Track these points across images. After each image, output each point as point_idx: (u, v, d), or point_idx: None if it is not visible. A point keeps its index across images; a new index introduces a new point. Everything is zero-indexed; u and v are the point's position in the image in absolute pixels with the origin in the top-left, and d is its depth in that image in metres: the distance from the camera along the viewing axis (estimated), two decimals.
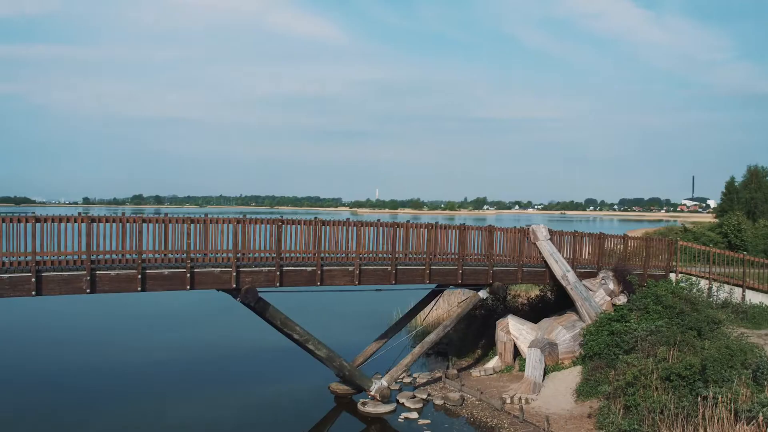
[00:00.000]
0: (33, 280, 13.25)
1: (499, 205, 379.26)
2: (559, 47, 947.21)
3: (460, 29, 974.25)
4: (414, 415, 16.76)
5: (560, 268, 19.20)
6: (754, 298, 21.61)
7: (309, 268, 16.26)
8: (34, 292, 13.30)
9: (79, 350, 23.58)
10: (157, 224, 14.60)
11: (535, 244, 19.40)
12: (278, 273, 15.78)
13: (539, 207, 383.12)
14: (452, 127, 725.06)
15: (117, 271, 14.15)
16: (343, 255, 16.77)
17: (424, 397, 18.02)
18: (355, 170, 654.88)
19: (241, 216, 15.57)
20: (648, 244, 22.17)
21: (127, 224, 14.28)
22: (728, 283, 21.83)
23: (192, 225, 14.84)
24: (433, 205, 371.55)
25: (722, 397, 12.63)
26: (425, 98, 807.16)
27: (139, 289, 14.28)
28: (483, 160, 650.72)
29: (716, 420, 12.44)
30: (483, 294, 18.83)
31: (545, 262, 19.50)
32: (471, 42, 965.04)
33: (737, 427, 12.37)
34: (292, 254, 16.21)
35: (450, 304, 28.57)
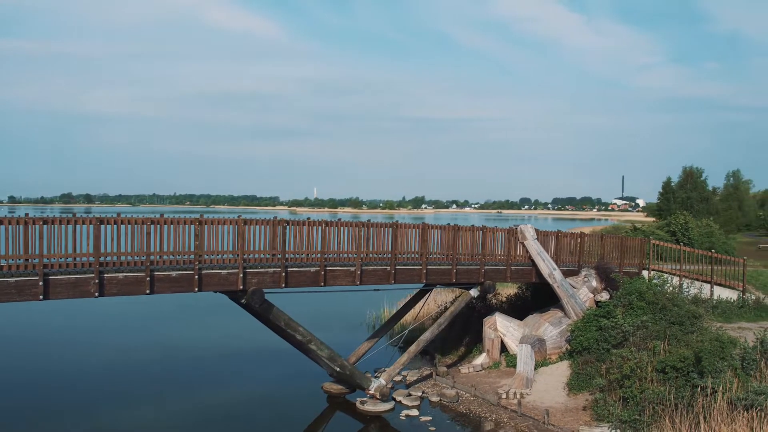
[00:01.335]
0: (40, 284, 12.83)
1: (437, 204, 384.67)
2: (493, 49, 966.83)
3: (397, 28, 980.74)
4: (414, 412, 17.05)
5: (547, 266, 19.88)
6: (721, 293, 22.94)
7: (313, 269, 16.32)
8: (41, 296, 12.87)
9: (75, 350, 23.40)
10: (165, 225, 14.35)
11: (522, 243, 20.01)
12: (283, 274, 15.77)
13: (476, 206, 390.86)
14: (389, 126, 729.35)
15: (125, 274, 13.85)
16: (346, 255, 16.89)
17: (420, 394, 18.33)
18: (292, 169, 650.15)
19: (238, 217, 15.44)
20: (623, 242, 23.18)
21: (135, 226, 13.99)
22: (697, 279, 23.09)
23: (200, 226, 14.66)
24: (372, 204, 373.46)
25: (722, 387, 13.44)
26: (362, 97, 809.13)
27: (147, 291, 14.01)
28: (420, 159, 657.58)
29: (715, 409, 13.22)
30: (474, 292, 19.30)
31: (532, 260, 20.14)
32: (408, 41, 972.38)
33: (734, 414, 13.19)
34: (292, 255, 16.22)
35: (428, 304, 29.13)
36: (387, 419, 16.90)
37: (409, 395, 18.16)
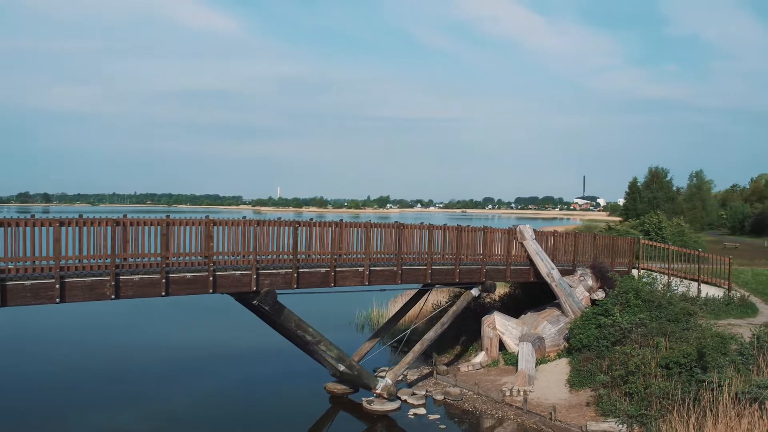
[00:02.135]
0: (57, 286, 12.61)
1: (402, 204, 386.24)
2: (457, 49, 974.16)
3: (362, 27, 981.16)
4: (422, 411, 17.24)
5: (545, 266, 20.27)
6: (708, 291, 23.68)
7: (323, 270, 16.36)
8: (58, 299, 12.66)
9: (76, 351, 23.22)
10: (181, 227, 14.25)
11: (522, 243, 20.36)
12: (295, 275, 15.78)
13: (440, 205, 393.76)
14: (353, 126, 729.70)
15: (141, 276, 13.69)
16: (355, 256, 16.98)
17: (424, 393, 18.53)
18: (255, 168, 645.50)
19: (247, 218, 15.42)
20: (614, 242, 23.76)
21: (151, 227, 13.86)
22: (685, 278, 23.80)
23: (214, 227, 14.60)
24: (337, 204, 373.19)
25: (728, 381, 13.93)
26: (326, 96, 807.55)
27: (163, 293, 13.88)
28: (384, 158, 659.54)
29: (721, 403, 13.69)
30: (475, 291, 19.57)
31: (530, 260, 20.51)
32: (373, 41, 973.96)
33: (739, 408, 13.68)
34: (304, 255, 16.25)
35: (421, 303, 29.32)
36: (395, 418, 17.05)
37: (414, 394, 18.32)
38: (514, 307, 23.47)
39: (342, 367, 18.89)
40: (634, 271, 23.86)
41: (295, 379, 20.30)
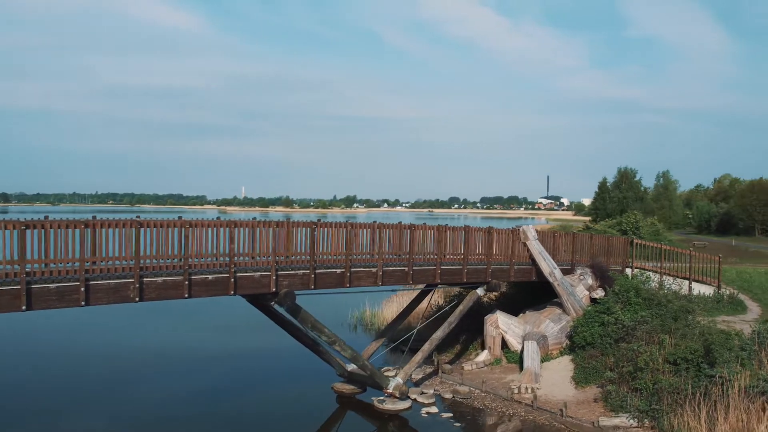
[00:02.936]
0: (82, 289, 12.46)
1: (368, 204, 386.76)
2: (423, 49, 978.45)
3: (327, 27, 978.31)
4: (434, 409, 17.44)
5: (548, 265, 20.67)
6: (699, 289, 24.39)
7: (338, 270, 16.44)
8: (83, 302, 12.51)
9: (80, 355, 22.88)
10: (202, 228, 14.20)
11: (525, 243, 20.72)
12: (312, 276, 15.84)
13: (407, 205, 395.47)
14: (318, 125, 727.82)
15: (164, 278, 13.61)
16: (368, 256, 17.11)
17: (432, 392, 18.73)
18: (219, 167, 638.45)
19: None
20: (609, 242, 24.33)
21: (174, 229, 13.77)
22: (677, 276, 24.47)
23: (236, 229, 14.58)
24: (304, 203, 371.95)
25: (738, 376, 14.44)
26: (290, 94, 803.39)
27: (186, 295, 13.82)
28: (349, 158, 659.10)
29: (731, 396, 14.19)
30: (480, 291, 19.86)
31: (532, 260, 20.88)
32: (338, 40, 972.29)
33: (748, 401, 14.19)
34: (322, 256, 16.32)
35: (401, 304, 29.53)
36: (406, 417, 17.20)
37: (423, 393, 18.51)
38: (510, 305, 23.80)
39: (350, 367, 19.03)
40: (628, 270, 24.45)
41: (301, 380, 20.32)
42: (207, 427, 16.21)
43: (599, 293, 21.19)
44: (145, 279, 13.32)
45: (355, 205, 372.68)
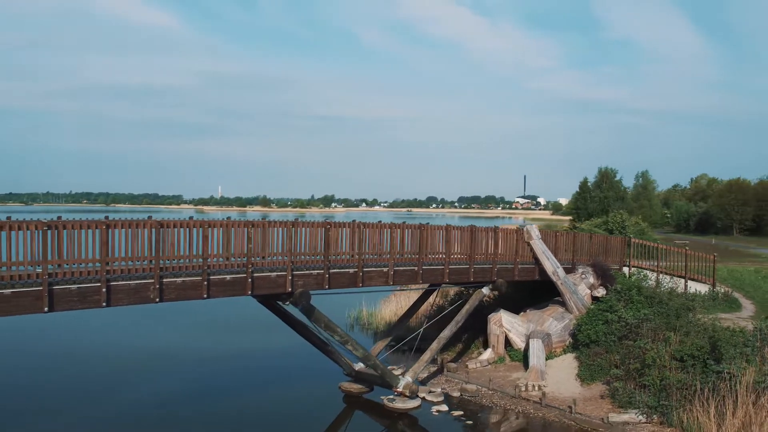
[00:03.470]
0: (104, 290, 12.39)
1: (347, 203, 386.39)
2: (400, 49, 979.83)
3: (303, 26, 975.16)
4: (444, 407, 17.59)
5: (551, 264, 20.94)
6: (695, 287, 24.86)
7: (351, 270, 16.51)
8: (104, 303, 12.45)
9: (83, 356, 22.75)
10: (219, 229, 14.19)
11: (528, 243, 20.96)
12: (326, 275, 15.90)
13: (385, 204, 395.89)
14: (295, 124, 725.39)
15: (183, 279, 13.58)
16: (379, 256, 17.21)
17: (440, 390, 18.88)
18: (195, 166, 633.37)
19: (293, 220, 15.49)
20: (607, 241, 24.70)
21: (193, 229, 13.74)
22: (673, 275, 24.92)
23: (252, 229, 14.59)
24: (281, 203, 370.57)
25: (747, 372, 14.80)
26: (266, 94, 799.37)
27: (205, 296, 13.81)
28: (326, 158, 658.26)
29: (739, 392, 14.53)
30: (486, 290, 20.06)
31: (535, 259, 21.13)
32: (314, 39, 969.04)
33: (753, 396, 14.54)
34: (335, 256, 16.37)
35: (399, 304, 29.71)
36: (416, 416, 17.34)
37: (431, 392, 18.66)
38: (509, 304, 24.02)
39: (358, 366, 19.11)
40: (625, 269, 24.85)
41: (308, 379, 20.36)
42: (215, 427, 16.20)
43: (601, 292, 21.51)
44: (164, 279, 13.28)
45: (333, 204, 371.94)
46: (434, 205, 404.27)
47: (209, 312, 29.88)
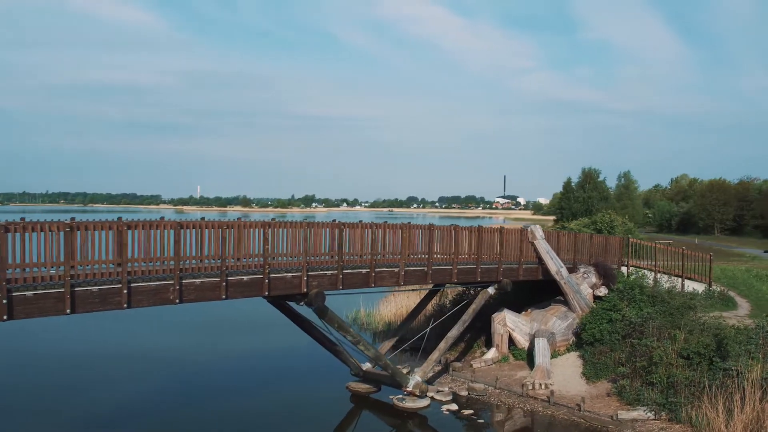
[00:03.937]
0: (125, 292, 12.33)
1: (327, 203, 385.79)
2: (379, 48, 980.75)
3: (281, 24, 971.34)
4: (454, 406, 17.74)
5: (555, 264, 21.18)
6: (691, 286, 25.30)
7: (364, 270, 16.58)
8: (125, 305, 12.38)
9: (93, 362, 22.35)
10: (234, 229, 14.17)
11: (532, 243, 21.18)
12: (340, 276, 15.95)
13: (366, 204, 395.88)
14: (274, 124, 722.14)
15: (201, 280, 13.54)
16: (391, 256, 17.30)
17: (447, 390, 19.02)
18: (173, 166, 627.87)
19: (306, 220, 15.51)
20: (607, 241, 25.03)
21: (211, 230, 13.71)
22: (670, 274, 25.33)
23: (270, 230, 14.60)
24: (262, 203, 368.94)
25: (755, 369, 15.12)
26: (245, 93, 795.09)
27: (223, 296, 13.78)
28: (306, 157, 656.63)
29: (747, 388, 14.84)
30: (491, 290, 20.23)
31: (539, 259, 21.36)
32: (292, 38, 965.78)
33: (760, 393, 14.86)
34: (348, 257, 16.43)
35: (397, 304, 29.82)
36: (426, 415, 17.45)
37: (439, 391, 18.80)
38: (511, 303, 24.23)
39: (366, 366, 19.19)
40: (623, 269, 25.19)
41: (315, 379, 20.39)
42: (222, 426, 16.21)
43: (603, 291, 21.81)
44: (184, 281, 13.24)
45: (314, 204, 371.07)
46: (415, 205, 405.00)
47: (210, 312, 29.68)
